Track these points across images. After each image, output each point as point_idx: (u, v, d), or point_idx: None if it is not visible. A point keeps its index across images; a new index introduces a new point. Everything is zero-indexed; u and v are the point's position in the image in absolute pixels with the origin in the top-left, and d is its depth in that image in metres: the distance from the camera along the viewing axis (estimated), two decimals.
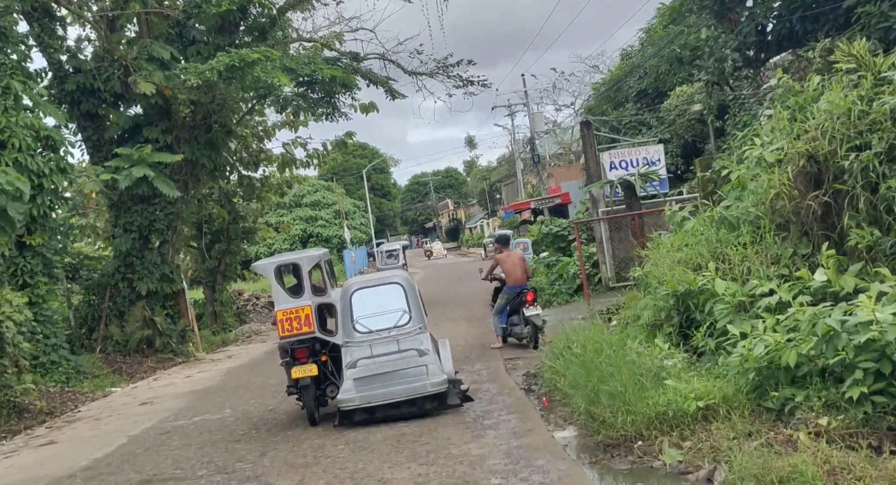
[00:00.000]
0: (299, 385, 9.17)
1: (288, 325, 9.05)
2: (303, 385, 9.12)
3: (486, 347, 13.64)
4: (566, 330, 10.10)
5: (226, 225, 23.89)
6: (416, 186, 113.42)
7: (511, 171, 70.98)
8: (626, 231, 18.78)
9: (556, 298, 18.96)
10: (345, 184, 75.97)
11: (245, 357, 17.33)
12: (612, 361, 7.37)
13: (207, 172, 18.69)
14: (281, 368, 9.94)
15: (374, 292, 9.26)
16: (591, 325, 9.90)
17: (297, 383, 9.18)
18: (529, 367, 11.31)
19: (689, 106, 17.42)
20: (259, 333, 23.75)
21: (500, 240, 13.83)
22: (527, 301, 12.90)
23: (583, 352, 8.12)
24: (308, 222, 57.34)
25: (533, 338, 12.83)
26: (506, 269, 13.29)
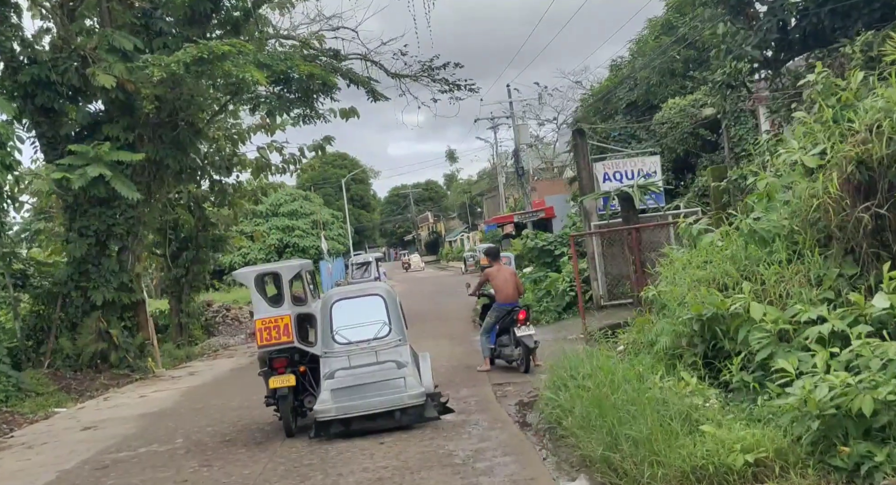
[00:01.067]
0: (277, 395, 9.06)
1: (266, 334, 9.01)
2: (280, 395, 9.00)
3: (472, 369, 12.44)
4: (567, 356, 8.91)
5: (195, 232, 22.55)
6: (395, 198, 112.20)
7: (493, 184, 70.03)
8: (620, 246, 17.71)
9: (543, 316, 17.83)
10: (323, 194, 74.64)
11: (208, 375, 15.98)
12: (631, 398, 6.20)
13: (173, 174, 17.36)
14: (243, 389, 10.02)
15: (354, 304, 9.23)
16: (596, 350, 8.71)
17: (274, 393, 9.07)
18: (522, 394, 10.13)
19: (699, 110, 16.44)
20: (227, 347, 22.38)
21: (490, 253, 12.66)
22: (518, 320, 11.73)
23: (593, 385, 6.93)
24: (285, 232, 55.92)
25: (524, 361, 11.65)
26: (496, 284, 12.12)
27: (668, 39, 26.61)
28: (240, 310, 28.18)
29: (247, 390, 13.02)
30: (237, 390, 13.15)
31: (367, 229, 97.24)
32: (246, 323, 27.00)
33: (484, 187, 77.95)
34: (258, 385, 13.59)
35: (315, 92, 16.67)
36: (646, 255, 17.41)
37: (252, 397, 12.19)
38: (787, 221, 7.27)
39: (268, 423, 10.04)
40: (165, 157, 16.29)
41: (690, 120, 23.47)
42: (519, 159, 39.75)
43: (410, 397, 8.65)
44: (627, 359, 7.99)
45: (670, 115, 24.25)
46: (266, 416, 10.53)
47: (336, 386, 8.66)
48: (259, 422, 10.21)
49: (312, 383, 9.25)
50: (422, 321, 19.90)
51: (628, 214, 14.69)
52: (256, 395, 12.29)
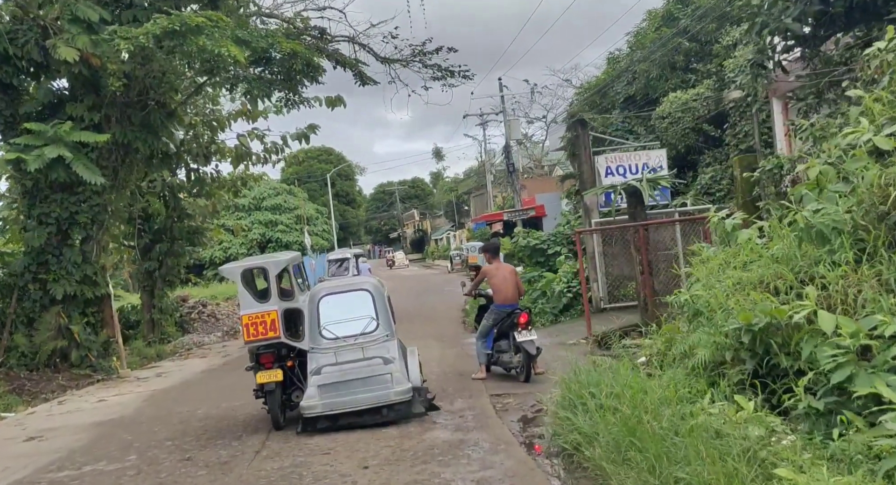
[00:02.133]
0: (264, 390, 9.02)
1: (253, 329, 8.91)
2: (268, 390, 8.99)
3: (466, 377, 11.27)
4: (579, 367, 7.76)
5: (169, 223, 21.26)
6: (381, 195, 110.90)
7: (480, 182, 68.91)
8: (622, 245, 16.59)
9: (539, 319, 16.69)
10: (308, 189, 73.29)
11: (177, 377, 14.72)
12: (674, 427, 5.04)
13: (143, 159, 16.07)
14: (211, 394, 9.96)
15: (342, 299, 9.22)
16: (613, 361, 7.56)
17: (262, 387, 9.01)
18: (524, 407, 8.97)
19: (726, 93, 15.28)
20: (201, 345, 21.09)
21: (489, 248, 11.47)
22: (519, 324, 10.57)
23: (623, 407, 5.76)
24: (267, 227, 54.58)
25: (525, 369, 10.49)
26: (494, 283, 10.95)
27: (669, 31, 25.53)
28: (217, 306, 26.88)
29: (216, 396, 11.81)
30: (205, 396, 11.93)
31: (353, 226, 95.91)
32: (223, 320, 25.73)
33: (471, 185, 76.84)
34: (228, 390, 12.40)
35: (298, 73, 15.39)
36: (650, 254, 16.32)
37: (221, 403, 10.99)
38: (851, 214, 6.13)
39: (235, 437, 8.82)
40: (134, 140, 14.98)
41: (692, 115, 22.39)
42: (510, 155, 38.58)
43: (397, 394, 8.61)
44: (656, 374, 6.82)
45: (671, 109, 23.17)
46: (234, 427, 9.34)
47: (322, 382, 8.65)
48: (226, 435, 8.99)
49: (301, 376, 9.22)
50: (409, 321, 18.70)
51: (635, 210, 13.54)
52: (226, 402, 11.10)
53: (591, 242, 16.70)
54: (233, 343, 20.98)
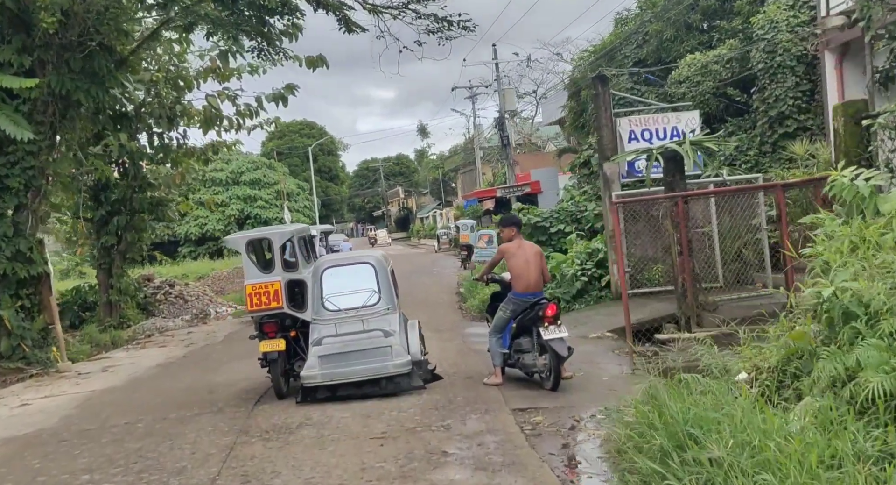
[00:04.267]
0: (268, 359, 9.12)
1: (257, 299, 9.09)
2: (271, 359, 9.10)
3: (476, 381, 9.08)
4: (655, 387, 5.57)
5: (128, 193, 18.84)
6: (365, 172, 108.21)
7: (468, 159, 66.53)
8: (645, 222, 14.41)
9: None
10: (289, 164, 70.67)
11: (125, 372, 12.40)
12: None
13: (88, 114, 13.63)
14: (161, 397, 9.44)
15: (345, 271, 9.32)
16: (711, 381, 5.36)
17: (265, 356, 9.11)
18: (561, 430, 6.76)
19: (826, 21, 12.99)
20: (164, 331, 18.77)
21: (508, 222, 9.17)
22: (545, 317, 8.35)
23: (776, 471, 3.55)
24: (246, 202, 52.12)
25: (552, 374, 8.29)
26: (514, 265, 8.72)
27: None
28: (186, 287, 24.45)
29: (166, 401, 9.55)
30: (153, 401, 9.65)
31: (335, 203, 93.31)
32: (192, 302, 23.33)
33: (458, 162, 74.44)
34: (183, 393, 10.13)
35: (271, 11, 12.91)
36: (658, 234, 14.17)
37: (170, 413, 8.74)
38: None
39: (176, 470, 6.56)
40: (75, 90, 12.50)
41: (713, 78, 20.17)
42: (504, 127, 36.20)
43: (396, 366, 8.68)
44: (778, 403, 4.61)
45: (689, 73, 20.94)
46: (181, 450, 7.09)
47: (323, 353, 8.71)
48: (167, 465, 6.73)
49: (304, 347, 9.26)
50: None
51: (674, 178, 11.35)
52: (177, 411, 8.83)
53: (612, 219, 14.48)
54: (200, 329, 18.67)
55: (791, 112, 17.29)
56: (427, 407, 7.94)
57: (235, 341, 15.27)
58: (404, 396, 8.57)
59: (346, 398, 8.60)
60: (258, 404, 8.92)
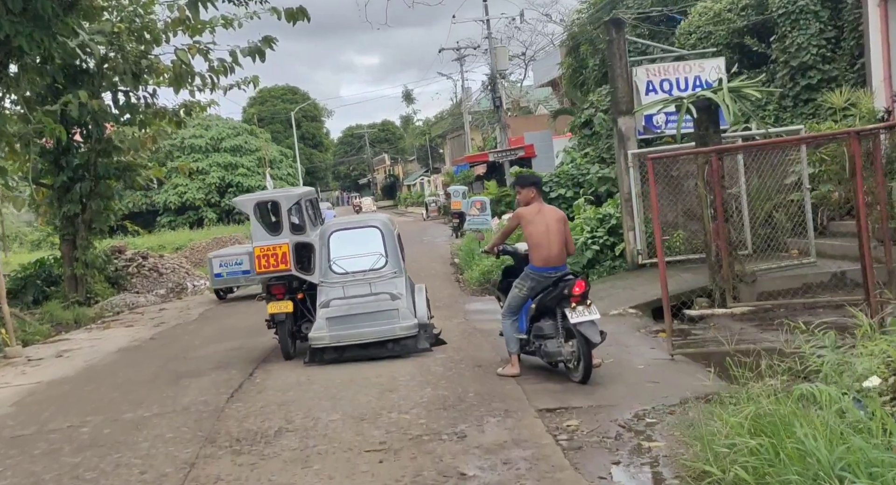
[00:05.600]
0: (275, 320, 9.24)
1: (265, 261, 9.16)
2: (278, 321, 9.21)
3: (487, 370, 7.71)
4: (775, 399, 4.18)
5: (92, 157, 17.22)
6: (349, 139, 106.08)
7: (456, 124, 64.75)
8: (663, 184, 12.99)
9: None
10: (272, 130, 68.62)
11: (81, 359, 10.91)
12: None
13: (33, 65, 11.96)
14: (119, 391, 8.42)
15: (352, 235, 9.37)
16: (829, 389, 3.96)
17: (273, 317, 9.22)
18: (604, 439, 5.36)
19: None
20: (135, 307, 17.28)
21: (526, 181, 7.66)
22: (572, 296, 6.95)
23: None
24: (227, 170, 50.26)
25: (582, 363, 6.89)
26: (533, 234, 7.27)
27: None
28: (161, 259, 22.89)
29: (123, 395, 8.12)
30: (107, 395, 8.20)
31: (320, 171, 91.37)
32: (168, 275, 21.82)
33: (446, 127, 72.60)
34: (143, 387, 8.67)
35: None
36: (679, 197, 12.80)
37: (124, 413, 7.33)
38: None
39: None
40: (16, 35, 10.82)
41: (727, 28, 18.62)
42: (496, 87, 34.50)
43: (402, 329, 8.76)
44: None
45: (700, 22, 19.41)
46: (131, 465, 5.67)
47: (330, 315, 8.80)
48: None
49: (311, 309, 9.35)
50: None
51: (706, 131, 9.91)
52: (132, 410, 7.37)
53: (626, 181, 13.06)
54: (173, 306, 17.19)
55: (815, 62, 15.80)
56: (433, 406, 6.54)
57: (210, 321, 13.84)
58: (405, 392, 7.16)
59: (335, 398, 7.30)
60: (231, 400, 7.50)
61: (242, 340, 11.05)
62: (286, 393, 7.56)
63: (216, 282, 16.60)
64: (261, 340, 10.94)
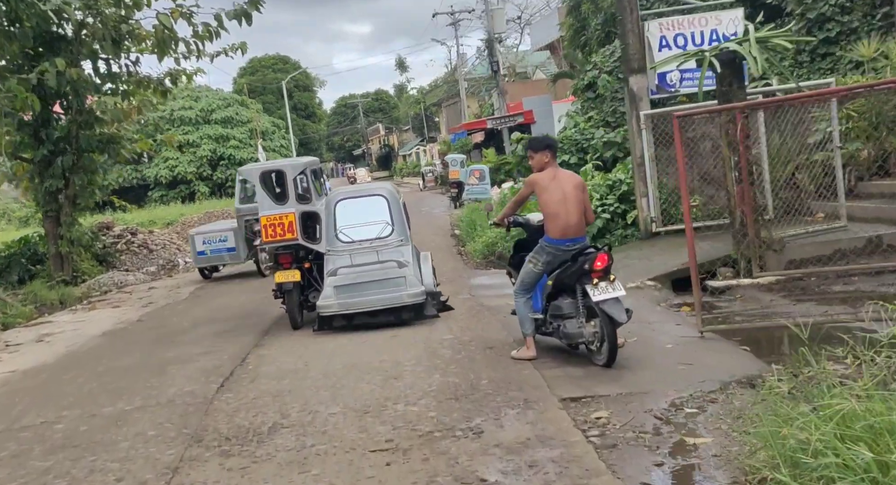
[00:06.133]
0: (283, 289, 9.23)
1: (272, 231, 9.20)
2: (286, 289, 9.20)
3: (499, 352, 7.06)
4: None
5: (73, 129, 16.42)
6: (343, 109, 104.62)
7: (451, 92, 63.65)
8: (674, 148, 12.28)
9: None
10: (263, 101, 67.43)
11: (63, 343, 10.22)
12: None
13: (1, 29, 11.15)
14: (95, 383, 7.66)
15: (358, 203, 9.37)
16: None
17: (280, 287, 9.21)
18: (640, 435, 4.70)
19: None
20: (124, 286, 16.60)
21: (539, 144, 6.90)
22: (593, 272, 6.27)
23: None
24: (218, 142, 49.24)
25: (606, 345, 6.23)
26: (548, 203, 6.57)
27: None
28: (151, 234, 22.18)
29: (103, 386, 7.46)
30: (87, 386, 7.54)
31: (313, 142, 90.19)
32: (158, 252, 21.13)
33: (440, 96, 71.49)
34: (127, 375, 8.00)
35: None
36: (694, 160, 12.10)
37: (103, 406, 6.68)
38: None
39: None
40: None
41: None
42: (493, 51, 33.52)
43: (410, 296, 8.77)
44: None
45: None
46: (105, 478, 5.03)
47: (338, 283, 8.81)
48: None
49: (318, 278, 9.39)
50: None
51: (730, 87, 9.17)
52: (112, 403, 6.71)
53: (639, 144, 12.34)
54: (163, 283, 16.52)
55: (833, 13, 14.96)
56: (443, 396, 5.89)
57: (200, 300, 13.17)
58: (411, 379, 6.51)
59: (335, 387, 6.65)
60: (220, 390, 6.84)
61: (235, 322, 10.39)
62: (281, 381, 6.91)
63: (199, 260, 15.72)
64: (254, 320, 10.29)
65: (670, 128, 12.11)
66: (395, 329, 8.66)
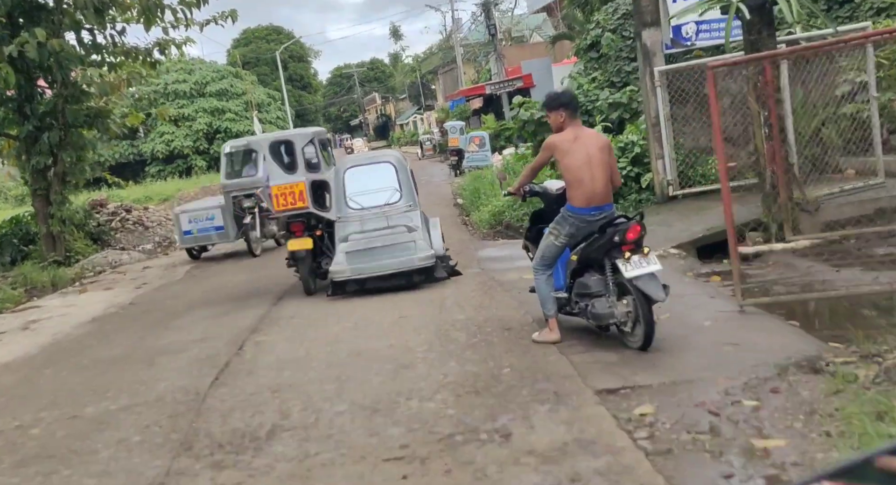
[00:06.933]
0: (296, 257, 9.38)
1: (283, 200, 9.26)
2: (299, 257, 9.35)
3: (519, 333, 6.43)
4: None
5: (59, 104, 15.67)
6: (338, 80, 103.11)
7: (447, 58, 62.46)
8: (694, 104, 11.57)
9: None
10: (258, 73, 66.25)
11: (50, 331, 9.56)
12: None
13: None
14: (78, 378, 6.99)
15: (366, 171, 9.52)
16: None
17: (293, 254, 9.36)
18: (697, 436, 4.04)
19: None
20: (119, 265, 15.97)
21: (554, 101, 6.09)
22: (625, 244, 5.60)
23: None
24: (214, 115, 48.40)
25: (642, 325, 5.57)
26: (570, 167, 5.87)
27: None
28: (145, 211, 21.48)
29: (87, 381, 6.83)
30: (69, 381, 6.90)
31: (310, 113, 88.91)
32: (154, 229, 20.47)
33: (436, 63, 70.25)
34: (112, 367, 7.38)
35: None
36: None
37: (86, 406, 6.05)
38: None
39: None
40: None
41: None
42: (490, 15, 32.52)
43: (420, 260, 8.92)
44: None
45: None
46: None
47: (350, 249, 8.97)
48: None
49: (329, 245, 9.58)
50: None
51: (759, 36, 8.42)
52: (94, 403, 6.07)
53: (653, 103, 11.61)
54: (158, 262, 15.88)
55: None
56: (462, 390, 5.24)
57: (196, 280, 12.54)
58: (424, 368, 5.86)
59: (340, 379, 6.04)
60: (215, 384, 6.21)
61: (231, 304, 9.76)
62: (281, 373, 6.27)
63: (186, 240, 14.73)
64: (251, 302, 9.67)
65: (686, 84, 11.42)
66: (402, 310, 8.02)
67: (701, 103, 11.59)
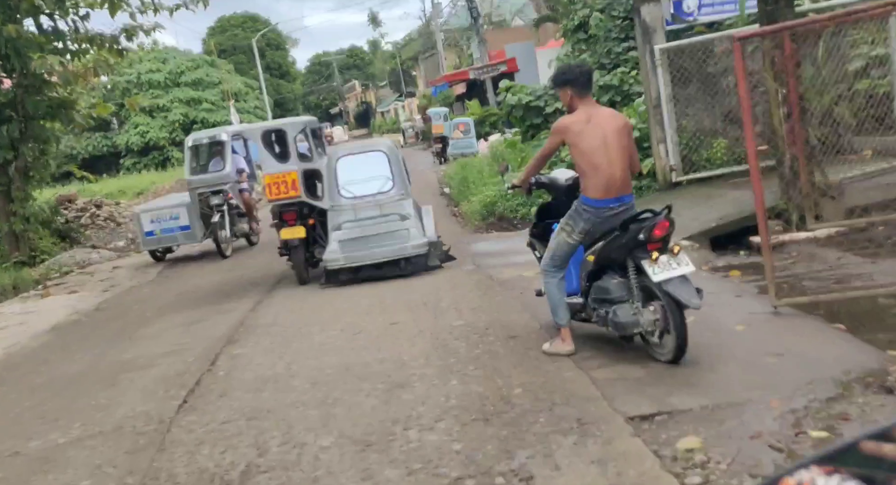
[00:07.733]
0: (289, 246, 9.40)
1: (276, 189, 9.28)
2: (292, 246, 9.37)
3: (526, 342, 5.67)
4: None
5: (18, 94, 14.73)
6: (317, 67, 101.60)
7: (427, 45, 61.44)
8: (698, 83, 10.87)
9: None
10: (235, 62, 64.94)
11: (6, 343, 8.65)
12: None
13: None
14: (30, 398, 6.25)
15: (358, 159, 9.52)
16: None
17: (286, 243, 9.38)
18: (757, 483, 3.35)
19: None
20: (87, 265, 15.04)
21: (562, 78, 5.25)
22: (650, 242, 4.86)
23: None
24: (190, 106, 47.22)
25: (674, 335, 4.83)
26: (584, 152, 5.09)
27: None
28: (117, 206, 20.54)
29: (41, 404, 6.01)
30: (21, 405, 6.07)
31: (289, 102, 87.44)
32: (126, 225, 19.53)
33: (416, 49, 69.19)
34: (73, 382, 6.60)
35: None
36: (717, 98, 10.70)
37: (35, 436, 5.22)
38: None
39: None
40: None
41: None
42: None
43: (414, 247, 9.00)
44: None
45: None
46: None
47: (343, 237, 9.06)
48: None
49: (322, 234, 9.56)
50: None
51: (776, 5, 7.71)
52: (46, 433, 5.26)
53: (654, 84, 10.87)
54: (130, 261, 14.97)
55: None
56: (468, 414, 4.49)
57: (169, 282, 11.70)
58: (422, 387, 5.09)
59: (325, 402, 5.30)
60: (182, 409, 5.42)
61: (206, 309, 8.96)
62: (259, 394, 5.49)
63: (148, 242, 13.54)
64: (226, 306, 8.86)
65: (688, 63, 10.70)
66: (393, 315, 7.26)
67: (705, 83, 10.90)
